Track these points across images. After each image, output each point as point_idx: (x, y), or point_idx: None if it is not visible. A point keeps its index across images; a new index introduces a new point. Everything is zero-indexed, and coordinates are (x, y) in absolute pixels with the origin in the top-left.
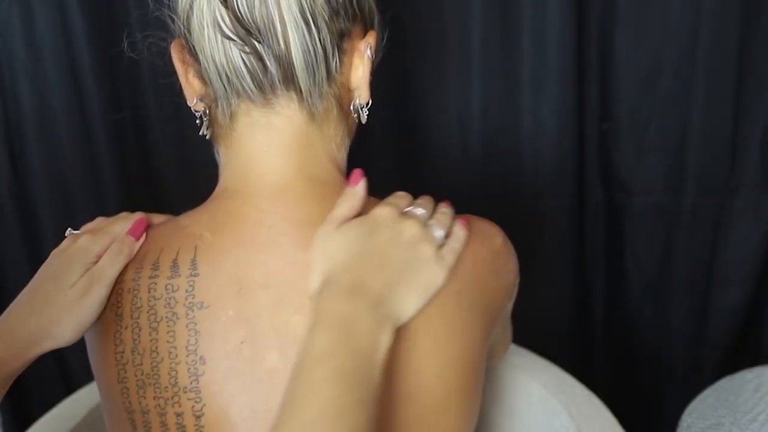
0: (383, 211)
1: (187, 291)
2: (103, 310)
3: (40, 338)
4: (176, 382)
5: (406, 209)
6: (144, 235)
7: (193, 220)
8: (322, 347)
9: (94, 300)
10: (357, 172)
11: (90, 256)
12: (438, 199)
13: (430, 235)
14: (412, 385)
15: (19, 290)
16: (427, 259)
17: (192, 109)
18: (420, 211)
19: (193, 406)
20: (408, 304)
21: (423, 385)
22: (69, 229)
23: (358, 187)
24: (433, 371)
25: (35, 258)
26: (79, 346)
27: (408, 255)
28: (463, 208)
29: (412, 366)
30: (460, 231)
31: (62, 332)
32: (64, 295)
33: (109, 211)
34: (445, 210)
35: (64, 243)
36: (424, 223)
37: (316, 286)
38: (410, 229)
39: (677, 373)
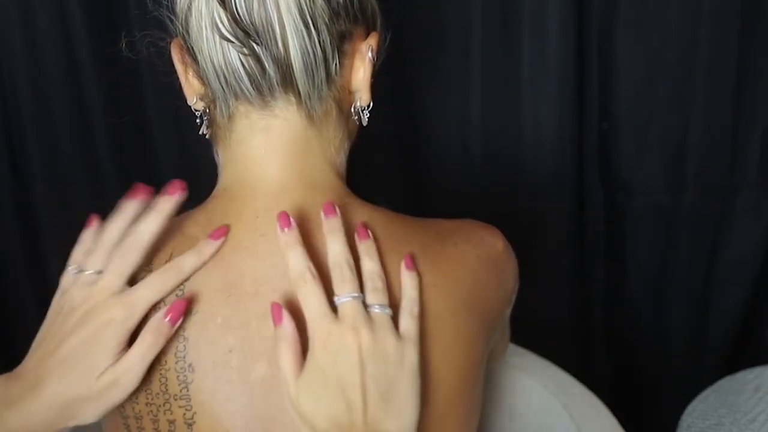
0: (321, 334)
1: (177, 295)
2: None
3: (65, 420)
4: (167, 389)
5: (338, 300)
6: (181, 319)
7: (192, 219)
8: None
9: (122, 392)
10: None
11: (122, 333)
12: (438, 199)
13: (379, 322)
14: None
15: (19, 290)
16: (395, 360)
17: (192, 108)
18: (348, 299)
19: (184, 414)
20: (403, 419)
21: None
22: (71, 268)
23: (286, 326)
24: (427, 388)
25: (35, 258)
26: None
27: (377, 369)
28: (463, 207)
29: None
30: (407, 287)
31: (87, 417)
32: (89, 386)
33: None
34: (370, 268)
35: (85, 296)
36: (362, 306)
37: None
38: (356, 338)
39: (677, 373)
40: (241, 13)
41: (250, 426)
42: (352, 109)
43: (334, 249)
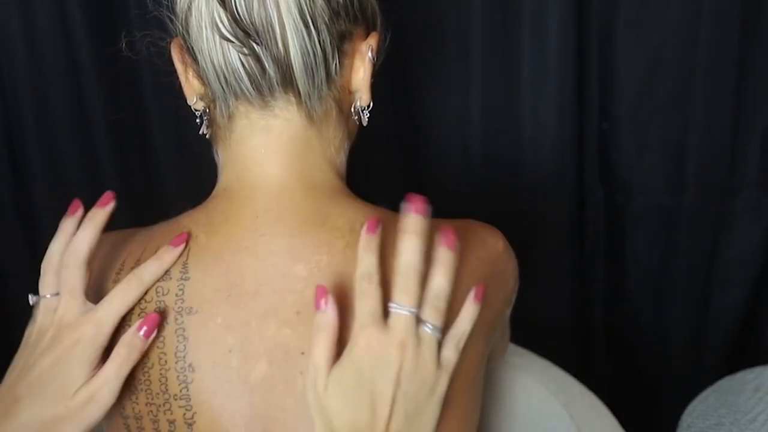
0: (364, 340)
1: (177, 295)
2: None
3: None
4: (167, 389)
5: (393, 308)
6: (155, 332)
7: (191, 219)
8: None
9: (99, 408)
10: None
11: (93, 351)
12: (438, 199)
13: (426, 343)
14: None
15: (19, 290)
16: (429, 386)
17: (192, 108)
18: (403, 311)
19: (184, 414)
20: None
21: None
22: (31, 296)
23: (328, 313)
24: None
25: (35, 258)
26: None
27: (409, 388)
28: (463, 207)
29: None
30: (464, 318)
31: None
32: (65, 406)
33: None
34: (439, 284)
35: (48, 322)
36: (415, 322)
37: None
38: (400, 354)
39: (677, 373)
40: (241, 13)
41: (250, 426)
42: (352, 109)
43: (408, 257)
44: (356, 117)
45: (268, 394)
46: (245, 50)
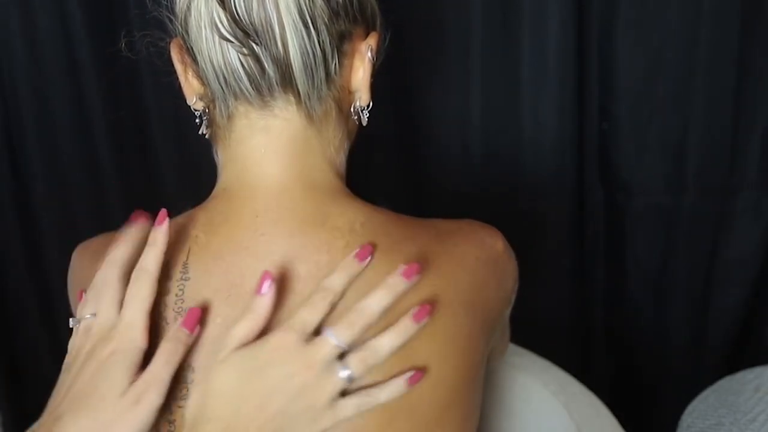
0: (281, 340)
1: (177, 295)
2: None
3: None
4: (169, 391)
5: (326, 331)
6: (198, 327)
7: (192, 218)
8: None
9: (149, 409)
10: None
11: (133, 356)
12: (438, 199)
13: (332, 380)
14: (405, 401)
15: (20, 290)
16: (312, 417)
17: (191, 108)
18: (333, 341)
19: (184, 415)
20: None
21: (415, 402)
22: (72, 320)
23: (265, 298)
24: (427, 389)
25: (35, 258)
26: None
27: (292, 407)
28: (463, 208)
29: None
30: (386, 390)
31: None
32: (113, 410)
33: (109, 211)
34: (382, 345)
35: (84, 342)
36: (338, 356)
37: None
38: (303, 373)
39: (677, 373)
40: (240, 13)
41: None
42: (352, 109)
43: (373, 302)
44: (356, 117)
45: None
46: (244, 50)
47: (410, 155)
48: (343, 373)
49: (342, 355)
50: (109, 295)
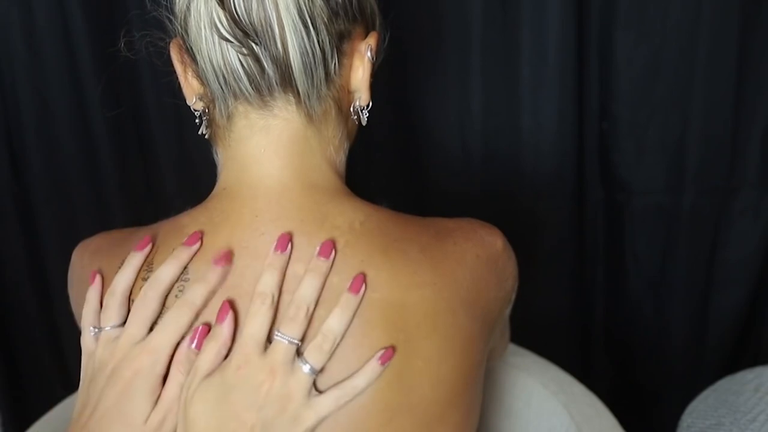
0: (242, 357)
1: (176, 296)
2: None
3: None
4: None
5: (277, 336)
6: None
7: (192, 218)
8: None
9: (172, 427)
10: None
11: (153, 379)
12: (438, 199)
13: (297, 377)
14: (405, 400)
15: (20, 290)
16: (289, 414)
17: (191, 108)
18: (284, 341)
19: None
20: None
21: (415, 402)
22: (91, 328)
23: (224, 327)
24: (427, 388)
25: (35, 258)
26: (79, 344)
27: (268, 414)
28: (463, 207)
29: (405, 383)
30: (365, 371)
31: None
32: None
33: (109, 210)
34: (330, 326)
35: (108, 356)
36: (295, 356)
37: None
38: (269, 380)
39: (677, 373)
40: (239, 13)
41: None
42: (352, 109)
43: (305, 291)
44: (355, 117)
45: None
46: (244, 50)
47: (410, 155)
48: (305, 368)
49: (300, 353)
50: (145, 314)
